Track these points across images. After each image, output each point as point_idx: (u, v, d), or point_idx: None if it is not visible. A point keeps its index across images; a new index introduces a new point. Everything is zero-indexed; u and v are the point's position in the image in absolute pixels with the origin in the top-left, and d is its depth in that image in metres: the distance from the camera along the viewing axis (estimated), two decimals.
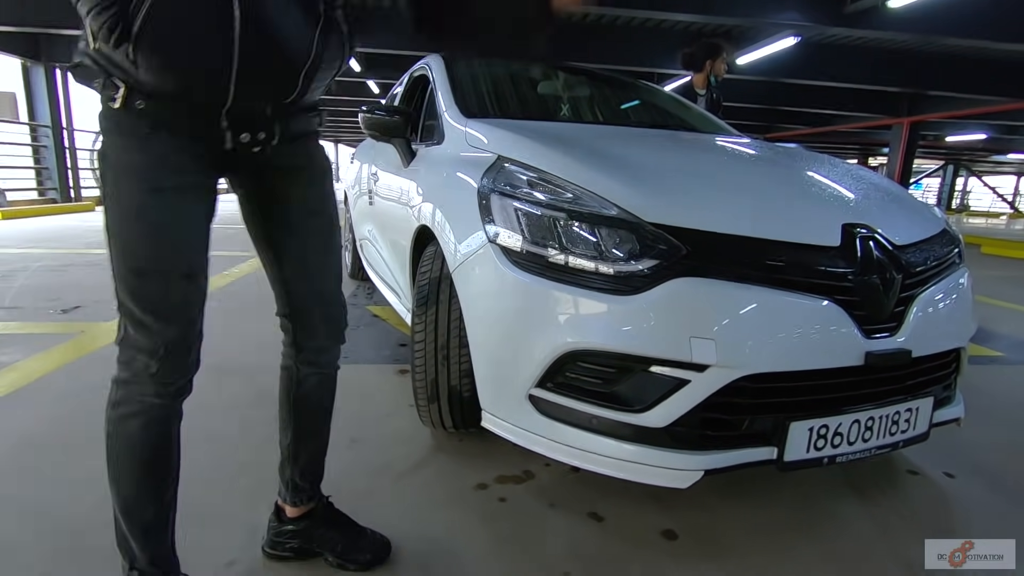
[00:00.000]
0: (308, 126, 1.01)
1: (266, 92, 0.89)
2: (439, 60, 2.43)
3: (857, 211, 1.40)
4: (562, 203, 1.31)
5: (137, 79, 0.81)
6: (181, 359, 0.91)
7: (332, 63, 0.95)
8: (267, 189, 1.02)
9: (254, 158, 0.95)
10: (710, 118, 2.61)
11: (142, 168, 0.84)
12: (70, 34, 8.39)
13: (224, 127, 0.87)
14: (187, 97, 0.83)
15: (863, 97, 11.11)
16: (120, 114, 0.83)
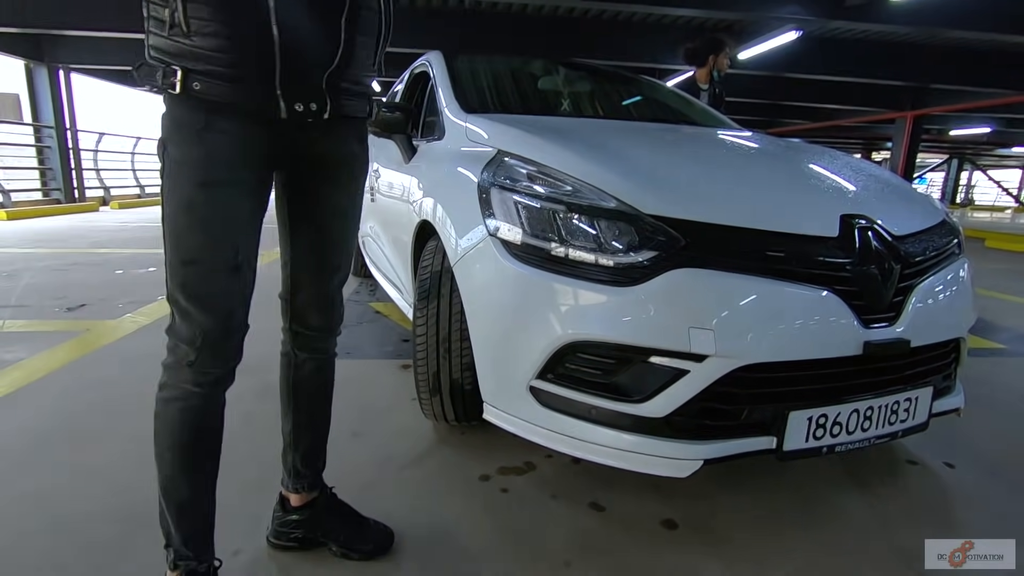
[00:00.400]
0: (359, 109, 1.03)
1: (310, 46, 0.90)
2: (439, 57, 2.44)
3: (856, 202, 1.41)
4: (561, 196, 1.32)
5: (192, 56, 0.84)
6: (219, 350, 0.94)
7: (370, 5, 0.96)
8: (304, 183, 1.04)
9: (302, 143, 0.97)
10: (711, 112, 2.61)
11: (195, 162, 0.87)
12: (72, 35, 8.43)
13: (278, 95, 0.88)
14: (238, 64, 0.85)
15: (866, 91, 11.06)
16: (179, 105, 0.87)
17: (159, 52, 0.86)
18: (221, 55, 0.84)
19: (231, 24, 0.83)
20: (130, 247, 5.40)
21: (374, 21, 0.98)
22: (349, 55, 0.93)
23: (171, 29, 0.84)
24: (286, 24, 0.85)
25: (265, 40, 0.85)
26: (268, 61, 0.86)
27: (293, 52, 0.87)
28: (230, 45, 0.84)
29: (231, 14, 0.83)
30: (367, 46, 0.99)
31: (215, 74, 0.85)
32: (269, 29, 0.84)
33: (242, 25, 0.84)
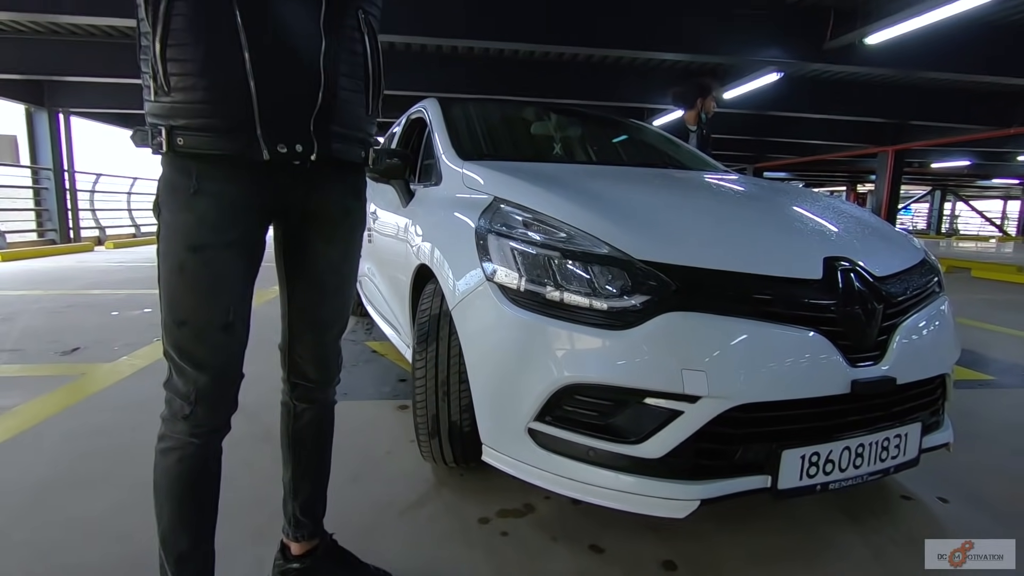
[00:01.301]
0: (352, 155, 1.03)
1: (289, 89, 0.91)
2: (435, 104, 2.52)
3: (838, 244, 1.47)
4: (556, 242, 1.37)
5: (174, 113, 0.88)
6: (214, 403, 0.97)
7: (353, 48, 0.98)
8: (299, 237, 1.07)
9: (297, 192, 0.99)
10: (698, 155, 2.70)
11: (186, 227, 0.91)
12: (73, 80, 8.62)
13: (258, 136, 0.90)
14: (215, 113, 0.88)
15: (848, 127, 11.41)
16: (171, 167, 0.91)
17: (150, 116, 0.91)
18: (199, 106, 0.87)
19: (207, 75, 0.86)
20: (125, 288, 5.41)
21: (359, 64, 1.00)
22: (333, 97, 0.95)
23: (157, 92, 0.88)
24: (262, 69, 0.87)
25: (241, 86, 0.87)
26: (245, 106, 0.88)
27: (271, 95, 0.89)
28: (207, 96, 0.87)
29: (207, 66, 0.86)
30: (356, 90, 1.00)
31: (195, 126, 0.88)
32: (245, 76, 0.87)
33: (218, 75, 0.87)
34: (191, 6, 0.84)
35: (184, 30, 0.85)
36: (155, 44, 0.85)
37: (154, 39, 0.85)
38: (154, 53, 0.85)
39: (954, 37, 5.77)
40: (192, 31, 0.85)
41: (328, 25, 0.92)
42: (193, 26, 0.85)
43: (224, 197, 0.92)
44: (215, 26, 0.85)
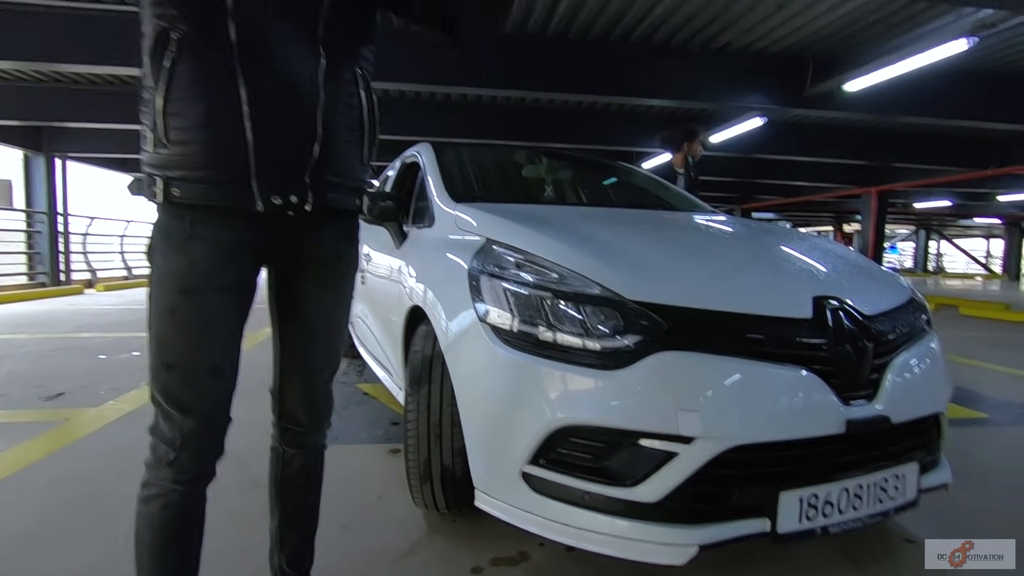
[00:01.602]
0: (347, 203, 1.04)
1: (286, 143, 0.92)
2: (429, 148, 2.58)
3: (826, 284, 1.49)
4: (548, 283, 1.38)
5: (171, 165, 0.89)
6: (200, 449, 0.96)
7: (350, 102, 1.00)
8: (291, 281, 1.07)
9: (290, 239, 0.99)
10: (686, 196, 2.76)
11: (178, 270, 0.91)
12: (70, 127, 8.76)
13: (253, 188, 0.90)
14: (211, 165, 0.89)
15: (832, 169, 11.71)
16: (166, 214, 0.92)
17: (147, 166, 0.92)
18: (197, 159, 0.88)
19: (206, 130, 0.88)
20: (113, 331, 5.35)
21: (355, 116, 1.02)
22: (329, 149, 0.96)
23: (156, 144, 0.89)
24: (260, 125, 0.89)
25: (238, 140, 0.88)
26: (241, 159, 0.89)
27: (267, 149, 0.90)
28: (204, 149, 0.88)
29: (207, 122, 0.87)
30: (352, 141, 1.02)
31: (191, 178, 0.89)
32: (243, 131, 0.88)
33: (217, 130, 0.88)
34: (194, 64, 0.87)
35: (186, 86, 0.86)
36: (157, 99, 0.87)
37: (156, 94, 0.87)
38: (155, 107, 0.87)
39: (930, 84, 6.01)
40: (193, 88, 0.87)
41: (327, 81, 0.94)
42: (195, 83, 0.87)
43: (218, 242, 0.92)
44: (216, 84, 0.87)
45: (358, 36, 1.02)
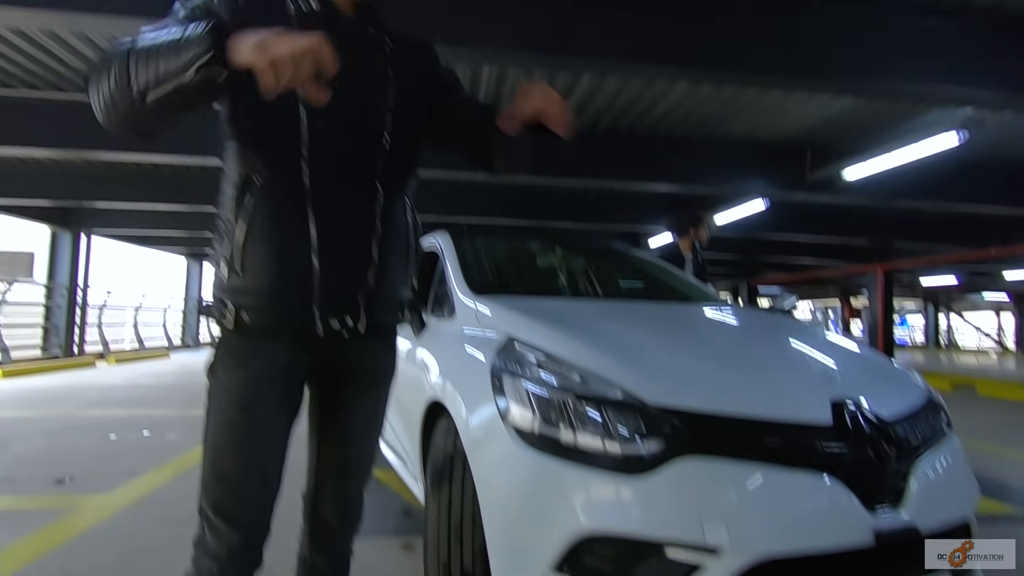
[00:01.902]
0: (392, 319, 1.12)
1: (346, 272, 1.01)
2: (447, 238, 2.68)
3: (843, 386, 1.51)
4: (570, 385, 1.41)
5: (243, 292, 0.97)
6: (243, 562, 0.98)
7: (400, 228, 1.09)
8: (332, 392, 1.12)
9: (339, 355, 1.06)
10: (697, 285, 2.83)
11: (239, 387, 0.97)
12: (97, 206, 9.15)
13: (316, 315, 0.98)
14: (281, 295, 0.97)
15: (836, 248, 11.90)
16: (230, 335, 0.99)
17: (219, 292, 1.00)
18: (267, 288, 0.97)
19: (279, 264, 0.97)
20: (123, 407, 5.35)
21: (403, 241, 1.12)
22: (382, 273, 1.05)
23: (229, 273, 0.98)
24: (325, 255, 0.97)
25: (306, 272, 0.97)
26: (308, 288, 0.97)
27: (330, 278, 0.98)
28: (276, 280, 0.97)
29: (279, 256, 0.97)
30: (399, 263, 1.11)
31: (260, 306, 0.97)
32: (310, 262, 0.97)
33: (288, 264, 0.97)
34: (272, 206, 0.97)
35: (263, 225, 0.96)
36: (237, 234, 0.96)
37: (236, 229, 0.96)
38: (235, 241, 0.96)
39: (928, 172, 6.21)
40: (270, 227, 0.96)
41: (382, 214, 1.04)
42: (272, 222, 0.97)
43: (278, 361, 0.99)
44: (290, 223, 0.97)
45: (408, 169, 1.13)
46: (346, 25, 1.05)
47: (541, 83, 0.98)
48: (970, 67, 3.62)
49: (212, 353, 1.01)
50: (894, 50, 3.57)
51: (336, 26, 1.04)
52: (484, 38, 3.30)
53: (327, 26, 1.01)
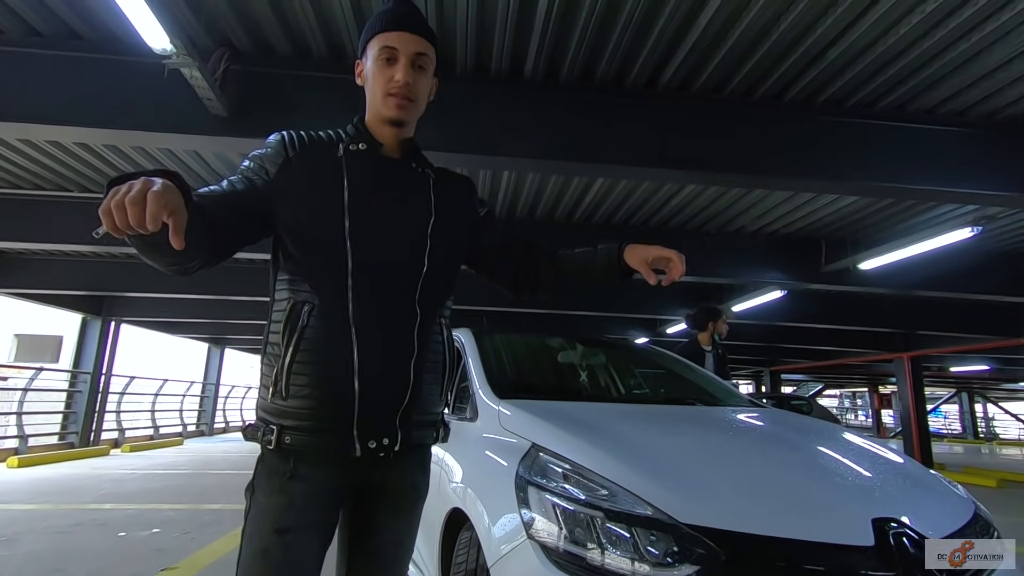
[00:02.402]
0: (427, 438, 1.16)
1: (385, 394, 1.05)
2: (470, 336, 2.71)
3: (885, 503, 1.45)
4: (598, 500, 1.38)
5: (286, 415, 1.01)
6: None
7: (436, 349, 1.14)
8: (365, 512, 1.13)
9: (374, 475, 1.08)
10: (723, 385, 2.79)
11: (277, 510, 0.99)
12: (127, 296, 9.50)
13: (354, 436, 1.02)
14: (324, 417, 1.01)
15: (859, 335, 11.69)
16: (271, 456, 1.02)
17: (262, 412, 1.05)
18: (310, 411, 1.02)
19: (323, 387, 1.02)
20: (135, 501, 5.25)
21: (439, 361, 1.17)
22: (418, 392, 1.09)
23: (273, 394, 1.03)
24: (365, 378, 1.03)
25: (348, 394, 1.02)
26: (348, 411, 1.02)
27: (370, 400, 1.03)
28: (319, 403, 1.02)
29: (324, 379, 1.02)
30: (435, 382, 1.15)
31: (303, 428, 1.01)
32: (352, 387, 1.02)
33: (332, 387, 1.02)
34: (318, 332, 1.03)
35: (310, 349, 1.02)
36: (285, 357, 1.02)
37: (284, 352, 1.02)
38: (282, 365, 1.02)
39: (946, 262, 6.20)
40: (316, 351, 1.03)
41: (419, 334, 1.10)
42: (318, 347, 1.03)
43: (315, 482, 1.02)
44: (335, 348, 1.03)
45: (446, 292, 1.21)
46: (392, 163, 1.17)
47: (677, 252, 1.18)
48: (973, 168, 3.74)
49: (254, 474, 1.04)
50: (897, 154, 3.72)
51: (382, 164, 1.15)
52: (506, 148, 3.53)
53: (374, 165, 1.12)
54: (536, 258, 1.30)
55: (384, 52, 1.12)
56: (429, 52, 1.15)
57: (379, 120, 1.16)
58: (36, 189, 5.56)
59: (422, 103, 1.18)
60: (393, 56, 1.12)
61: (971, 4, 2.79)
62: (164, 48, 2.73)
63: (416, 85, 1.13)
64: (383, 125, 1.16)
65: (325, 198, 1.08)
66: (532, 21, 3.07)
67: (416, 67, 1.13)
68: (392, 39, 1.11)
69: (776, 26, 3.04)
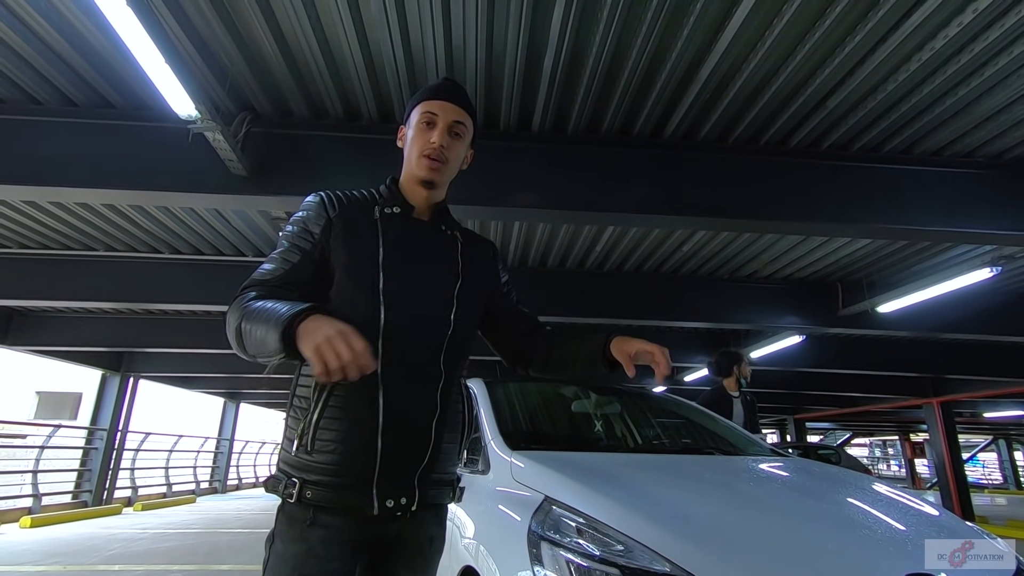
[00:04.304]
0: (444, 497, 1.16)
1: (406, 452, 1.07)
2: (482, 385, 2.68)
3: (919, 558, 1.37)
4: (614, 556, 1.33)
5: (309, 469, 1.03)
6: None
7: (456, 409, 1.16)
8: (381, 566, 1.12)
9: (390, 531, 1.08)
10: (741, 433, 2.71)
11: (296, 558, 1.00)
12: (146, 351, 9.63)
13: (373, 494, 1.03)
14: (346, 474, 1.03)
15: (885, 380, 11.34)
16: (292, 508, 1.04)
17: (285, 465, 1.06)
18: (333, 467, 1.03)
19: (347, 443, 1.03)
20: (144, 563, 5.14)
21: (459, 420, 1.19)
22: (438, 452, 1.11)
23: (298, 448, 1.04)
24: (388, 438, 1.04)
25: (370, 452, 1.04)
26: (370, 468, 1.04)
27: (391, 458, 1.05)
28: (342, 460, 1.03)
29: (348, 436, 1.04)
30: (453, 441, 1.17)
31: (324, 483, 1.02)
32: (375, 445, 1.03)
33: (355, 444, 1.04)
34: (347, 391, 1.05)
35: (338, 407, 1.05)
36: (313, 414, 1.04)
37: (312, 408, 1.05)
38: (310, 420, 1.04)
39: (968, 304, 6.08)
40: (343, 409, 1.05)
41: (442, 394, 1.13)
42: (345, 406, 1.05)
43: (333, 530, 1.02)
44: (362, 407, 1.05)
45: (467, 352, 1.23)
46: (422, 225, 1.23)
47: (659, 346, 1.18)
48: (985, 208, 3.72)
49: (275, 522, 1.05)
50: (907, 196, 3.73)
51: (414, 227, 1.21)
52: (515, 200, 3.60)
53: (405, 226, 1.18)
54: (538, 338, 1.34)
55: (425, 116, 1.21)
56: (467, 122, 1.25)
57: (412, 181, 1.23)
58: (64, 249, 5.76)
59: (454, 167, 1.25)
60: (433, 121, 1.21)
61: (967, 51, 2.86)
62: (190, 114, 2.88)
63: (450, 149, 1.21)
64: (416, 186, 1.22)
65: (362, 257, 1.13)
66: (538, 78, 3.20)
67: (452, 133, 1.22)
68: (434, 107, 1.21)
69: (776, 77, 3.13)
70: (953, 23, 2.68)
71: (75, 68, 3.23)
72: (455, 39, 2.94)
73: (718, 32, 2.82)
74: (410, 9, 2.74)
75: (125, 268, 5.92)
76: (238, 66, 3.14)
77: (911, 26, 2.69)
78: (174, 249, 5.80)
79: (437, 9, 2.73)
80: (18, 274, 5.82)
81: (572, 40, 2.91)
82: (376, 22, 2.81)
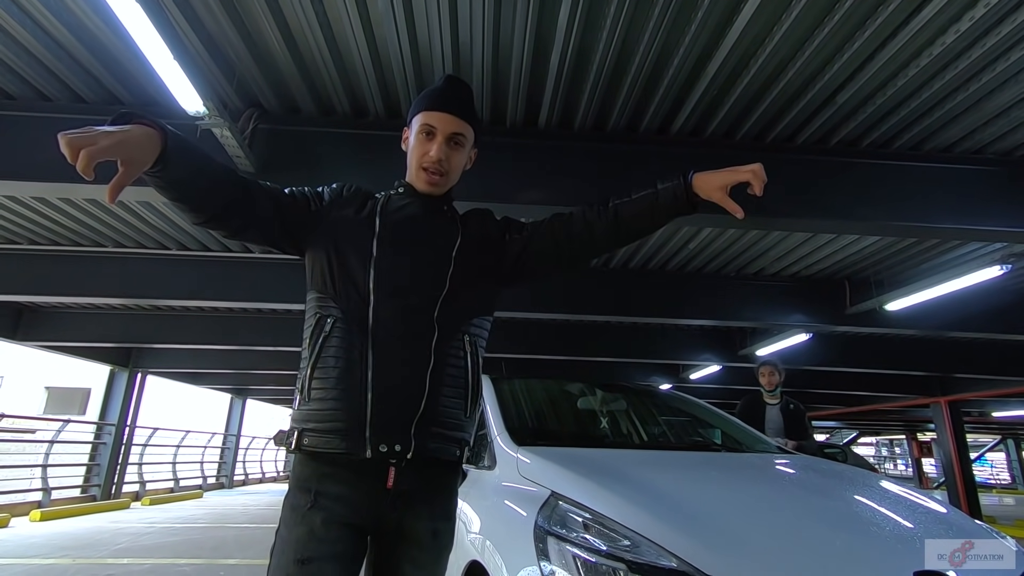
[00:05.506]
0: (447, 452, 1.16)
1: (397, 400, 1.10)
2: (488, 382, 2.69)
3: None
4: (620, 551, 1.33)
5: (307, 418, 1.09)
6: None
7: (456, 364, 1.17)
8: (389, 560, 1.14)
9: (391, 515, 1.10)
10: (748, 431, 2.69)
11: (299, 541, 1.03)
12: (155, 347, 9.69)
13: (367, 438, 1.07)
14: (338, 418, 1.08)
15: (892, 379, 11.27)
16: (294, 488, 1.09)
17: (292, 420, 1.12)
18: (327, 413, 1.08)
19: (336, 390, 1.08)
20: (151, 556, 5.19)
21: (460, 376, 1.18)
22: (434, 403, 1.12)
23: (300, 401, 1.11)
24: (380, 383, 1.09)
25: (361, 400, 1.08)
26: (361, 413, 1.07)
27: (383, 404, 1.08)
28: (334, 406, 1.08)
29: (339, 383, 1.08)
30: (456, 396, 1.17)
31: (320, 429, 1.08)
32: (366, 392, 1.08)
33: (344, 390, 1.08)
34: (338, 341, 1.12)
35: (330, 357, 1.11)
36: (309, 363, 1.10)
37: (308, 361, 1.11)
38: (306, 373, 1.10)
39: (977, 301, 6.03)
40: (334, 358, 1.11)
41: (437, 348, 1.15)
42: (336, 355, 1.11)
43: (334, 511, 1.05)
44: (352, 356, 1.11)
45: (471, 311, 1.24)
46: (422, 200, 1.27)
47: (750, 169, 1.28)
48: (995, 206, 3.68)
49: (281, 513, 1.09)
50: (916, 193, 3.69)
51: (415, 201, 1.27)
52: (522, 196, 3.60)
53: (409, 200, 1.26)
54: (595, 212, 1.27)
55: (424, 127, 1.24)
56: (466, 132, 1.27)
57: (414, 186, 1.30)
58: (74, 245, 5.80)
59: (455, 176, 1.30)
60: (432, 132, 1.24)
61: (979, 45, 2.82)
62: (198, 110, 2.89)
63: (450, 160, 1.25)
64: None
65: (360, 217, 1.22)
66: (545, 75, 3.19)
67: (452, 144, 1.25)
68: (433, 119, 1.24)
69: (784, 72, 3.11)
70: (965, 17, 2.65)
71: (84, 64, 3.25)
72: (462, 35, 2.94)
73: (726, 27, 2.80)
74: (417, 5, 2.74)
75: (134, 264, 5.97)
76: (245, 62, 3.15)
77: (922, 20, 2.66)
78: (182, 245, 5.82)
79: (444, 5, 2.73)
80: (28, 270, 5.87)
81: (579, 35, 2.89)
82: (383, 18, 2.81)
